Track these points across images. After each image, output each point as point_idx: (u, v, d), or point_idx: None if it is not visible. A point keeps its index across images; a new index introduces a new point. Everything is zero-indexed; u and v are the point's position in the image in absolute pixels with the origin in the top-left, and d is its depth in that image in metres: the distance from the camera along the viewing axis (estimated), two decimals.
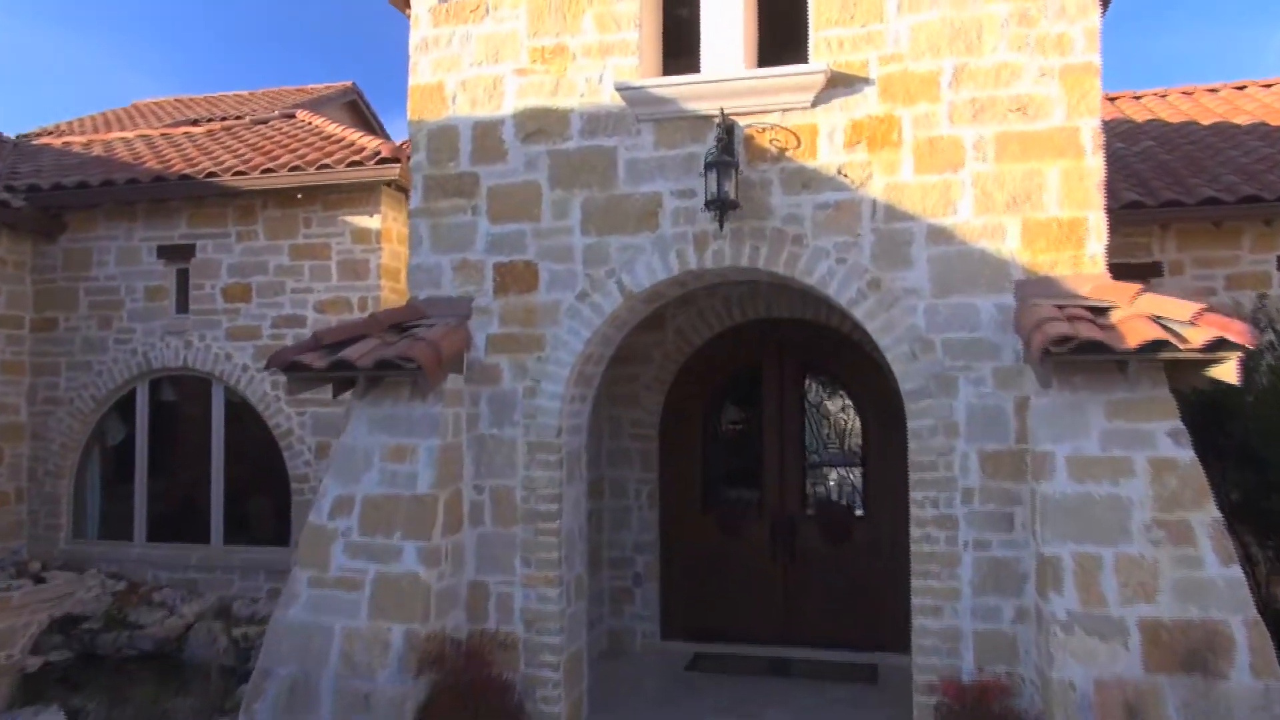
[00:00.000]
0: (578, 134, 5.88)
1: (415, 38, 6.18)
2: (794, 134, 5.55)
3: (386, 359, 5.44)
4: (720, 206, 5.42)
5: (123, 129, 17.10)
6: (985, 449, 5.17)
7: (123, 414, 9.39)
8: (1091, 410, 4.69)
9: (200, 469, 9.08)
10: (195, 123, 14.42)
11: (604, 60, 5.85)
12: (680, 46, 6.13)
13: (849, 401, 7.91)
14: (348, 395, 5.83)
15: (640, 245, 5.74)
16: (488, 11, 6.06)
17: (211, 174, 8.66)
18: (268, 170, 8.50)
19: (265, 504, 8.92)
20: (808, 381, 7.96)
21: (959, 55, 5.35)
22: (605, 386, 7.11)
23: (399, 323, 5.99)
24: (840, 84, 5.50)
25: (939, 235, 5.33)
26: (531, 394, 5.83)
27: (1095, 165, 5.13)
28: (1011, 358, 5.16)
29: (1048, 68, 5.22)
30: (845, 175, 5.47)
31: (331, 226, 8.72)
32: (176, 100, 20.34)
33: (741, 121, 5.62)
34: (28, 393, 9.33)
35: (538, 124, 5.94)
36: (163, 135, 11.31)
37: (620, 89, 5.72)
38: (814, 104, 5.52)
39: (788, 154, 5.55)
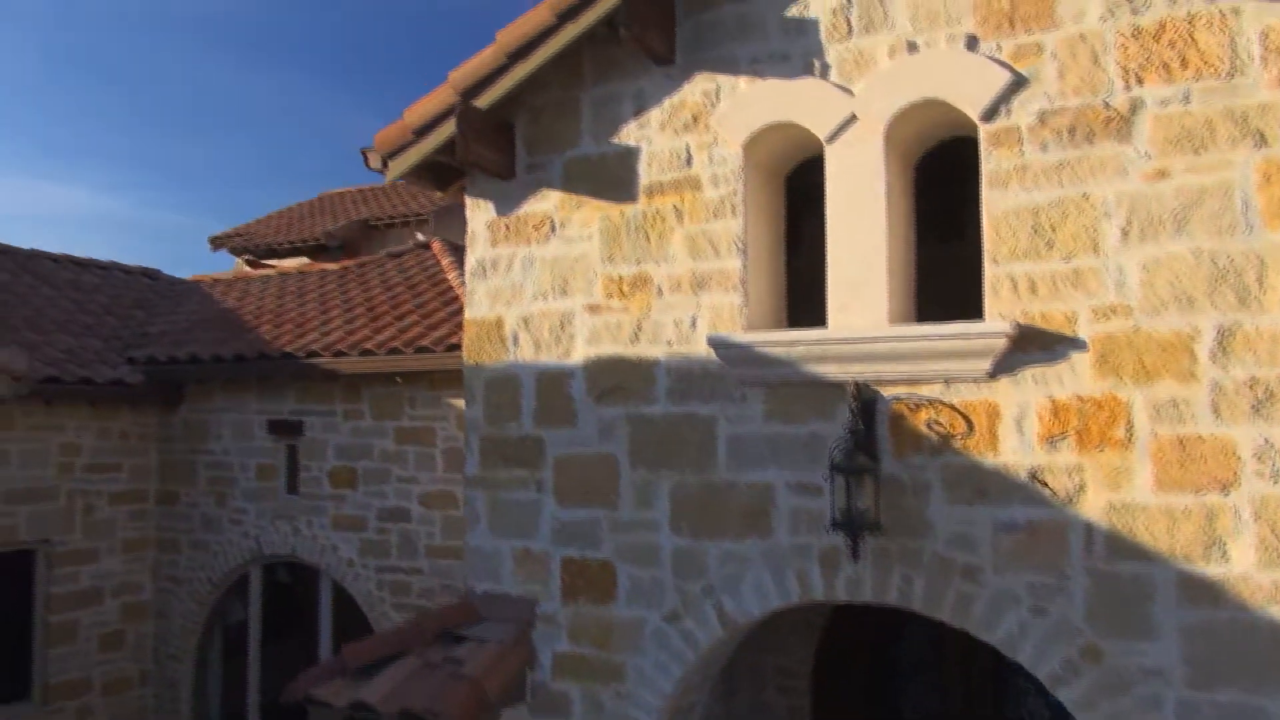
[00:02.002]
0: (664, 395, 4.40)
1: (471, 260, 4.94)
2: (963, 415, 3.82)
3: (411, 710, 4.20)
4: (851, 530, 3.78)
5: (301, 230, 17.28)
6: None
7: (241, 595, 8.83)
8: None
9: (310, 662, 8.32)
10: (335, 248, 14.13)
11: (697, 297, 4.35)
12: (803, 274, 4.54)
13: None
14: None
15: (747, 555, 4.19)
16: (554, 229, 4.71)
17: (313, 353, 7.87)
18: (366, 352, 7.59)
19: None
20: None
21: (1227, 310, 3.44)
22: None
23: (450, 628, 4.74)
24: (1033, 346, 3.72)
25: (1198, 591, 3.43)
26: None
27: None
28: None
29: None
30: (1043, 483, 3.68)
31: (436, 409, 7.71)
32: (358, 190, 20.60)
33: (886, 393, 3.95)
34: (151, 568, 8.95)
35: (614, 379, 4.52)
36: (300, 273, 10.85)
37: (715, 344, 4.20)
38: (993, 374, 3.76)
39: (954, 444, 3.83)
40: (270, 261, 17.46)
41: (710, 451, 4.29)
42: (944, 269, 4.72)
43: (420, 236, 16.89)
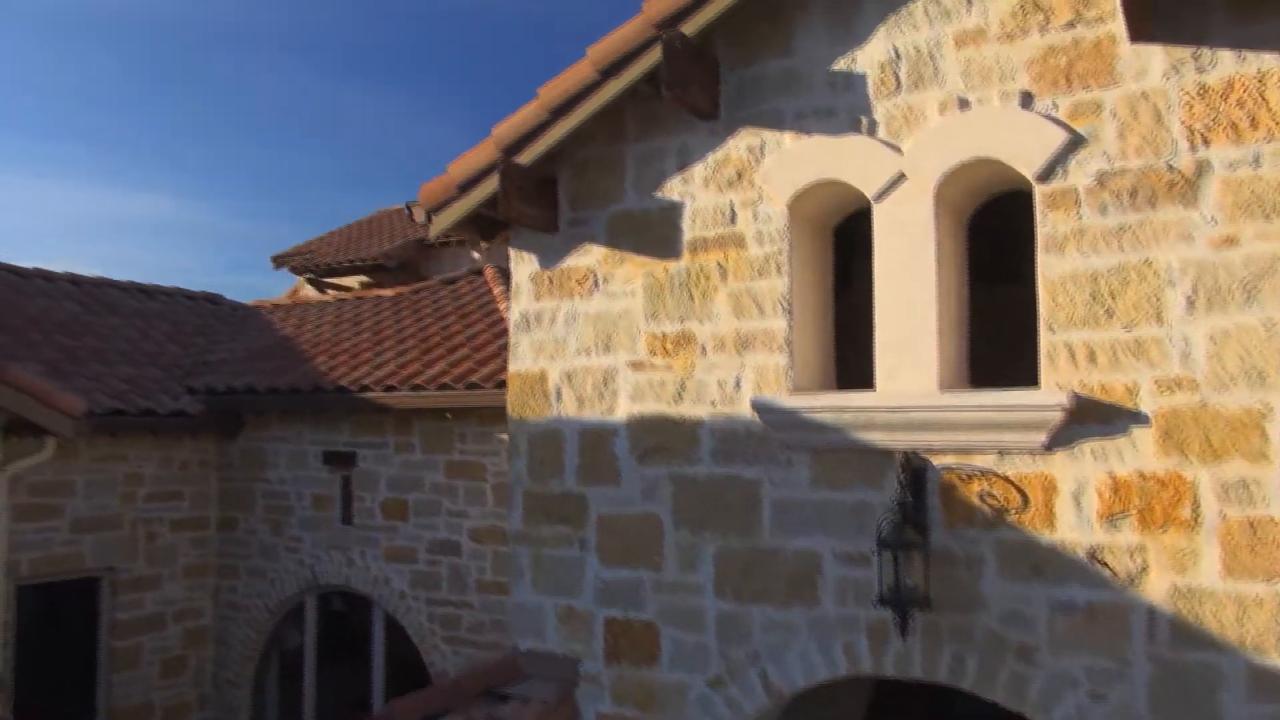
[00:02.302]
0: (708, 456, 4.32)
1: (515, 312, 4.91)
2: (1018, 489, 3.67)
3: None
4: (900, 606, 3.66)
5: (359, 249, 17.51)
6: None
7: (297, 622, 8.96)
8: None
9: (363, 691, 8.41)
10: (393, 267, 14.31)
11: (742, 357, 4.26)
12: (852, 329, 4.42)
13: None
14: None
15: (793, 624, 4.09)
16: (597, 284, 4.66)
17: (365, 387, 7.95)
18: (417, 387, 7.64)
19: None
20: None
21: None
22: None
23: (494, 686, 4.72)
24: (1091, 418, 3.55)
25: (1271, 684, 3.25)
26: None
27: None
28: None
29: None
30: (1102, 563, 3.52)
31: (486, 444, 7.72)
32: (415, 205, 20.82)
33: (936, 461, 3.82)
34: (211, 594, 9.13)
35: (657, 438, 4.45)
36: (356, 299, 10.98)
37: (760, 407, 4.11)
38: (1049, 446, 3.61)
39: (1008, 518, 3.68)
40: (330, 279, 17.75)
41: (755, 515, 4.20)
42: (998, 313, 4.58)
43: (475, 256, 17.02)
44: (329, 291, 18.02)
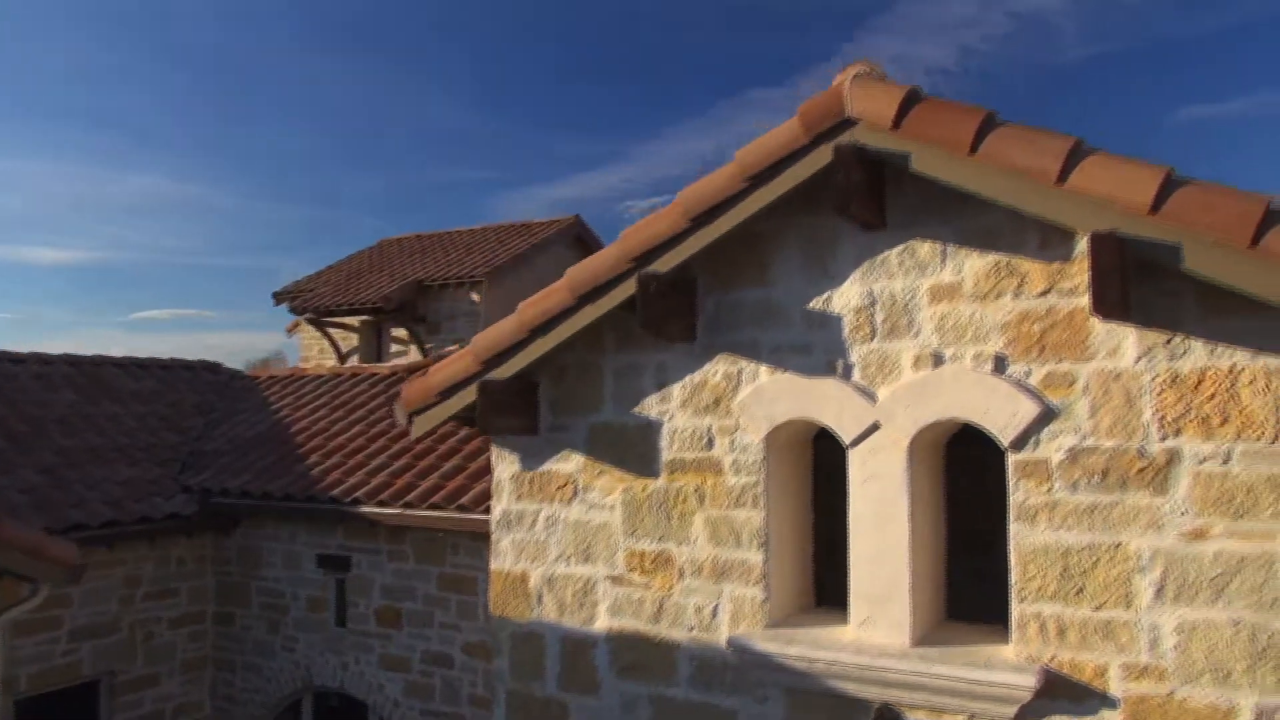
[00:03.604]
0: (686, 681, 4.35)
1: (497, 510, 4.94)
2: None
3: None
4: None
5: (359, 290, 17.54)
6: None
7: (294, 717, 9.06)
8: None
9: None
10: (392, 310, 14.29)
11: (719, 585, 4.28)
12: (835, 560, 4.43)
13: None
14: None
15: None
16: (577, 492, 4.68)
17: (357, 500, 7.99)
18: (408, 504, 7.67)
19: None
20: None
21: (1267, 692, 3.25)
22: None
23: None
24: (1062, 695, 3.57)
25: None
26: None
27: None
28: None
29: None
30: None
31: (478, 559, 7.75)
32: (417, 237, 20.86)
33: (910, 716, 3.84)
34: (209, 687, 9.22)
35: (636, 655, 4.48)
36: (352, 379, 11.01)
37: (735, 646, 4.14)
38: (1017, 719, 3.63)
39: None
40: (331, 319, 17.80)
41: None
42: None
43: (475, 298, 17.04)
44: (330, 330, 18.05)
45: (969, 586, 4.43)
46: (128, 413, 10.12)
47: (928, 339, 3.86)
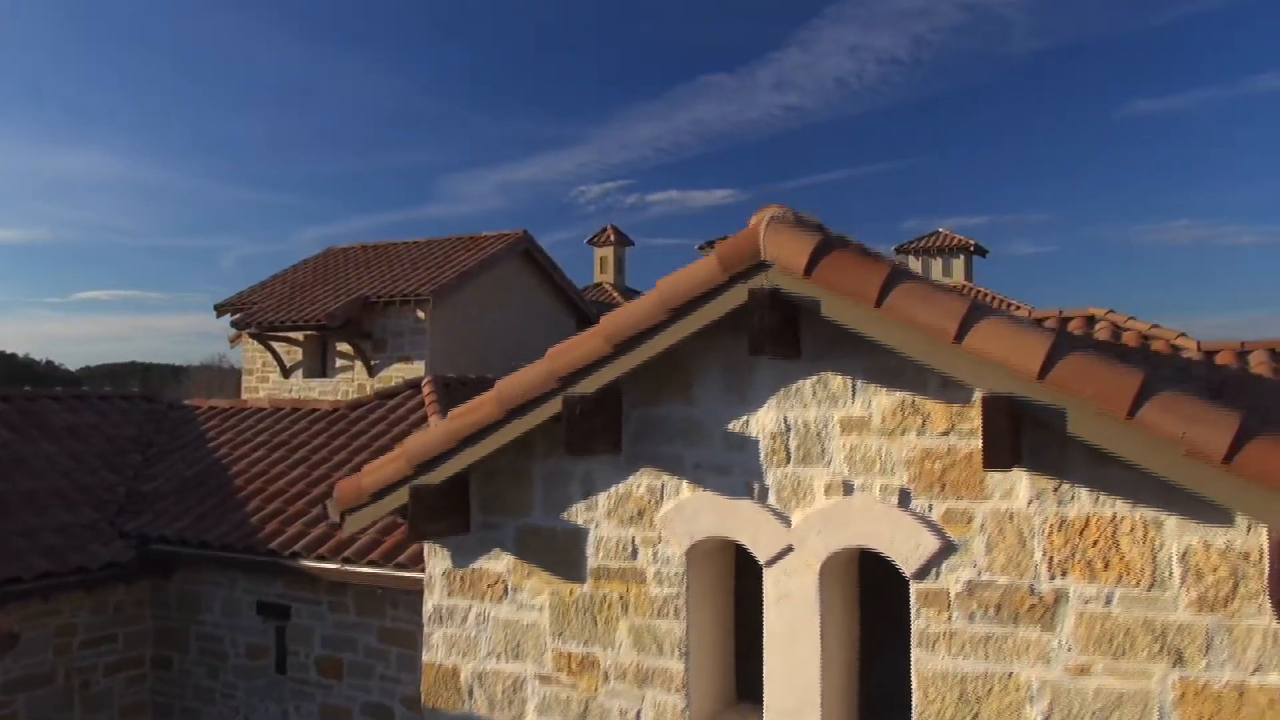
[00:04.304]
0: None
1: (429, 605, 5.05)
2: None
3: None
4: None
5: (303, 305, 17.38)
6: None
7: None
8: None
9: None
10: (336, 326, 14.25)
11: (642, 690, 4.45)
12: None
13: None
14: None
15: None
16: (507, 591, 4.81)
17: (295, 554, 8.04)
18: (346, 560, 7.75)
19: None
20: None
21: None
22: None
23: None
24: None
25: None
26: None
27: None
28: None
29: None
30: None
31: (417, 613, 7.80)
32: (363, 247, 20.70)
33: None
34: None
35: None
36: (293, 413, 10.98)
37: None
38: None
39: None
40: (274, 334, 17.64)
41: None
42: None
43: (420, 315, 17.01)
44: (274, 343, 17.88)
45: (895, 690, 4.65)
46: (64, 451, 10.01)
47: (839, 467, 4.05)
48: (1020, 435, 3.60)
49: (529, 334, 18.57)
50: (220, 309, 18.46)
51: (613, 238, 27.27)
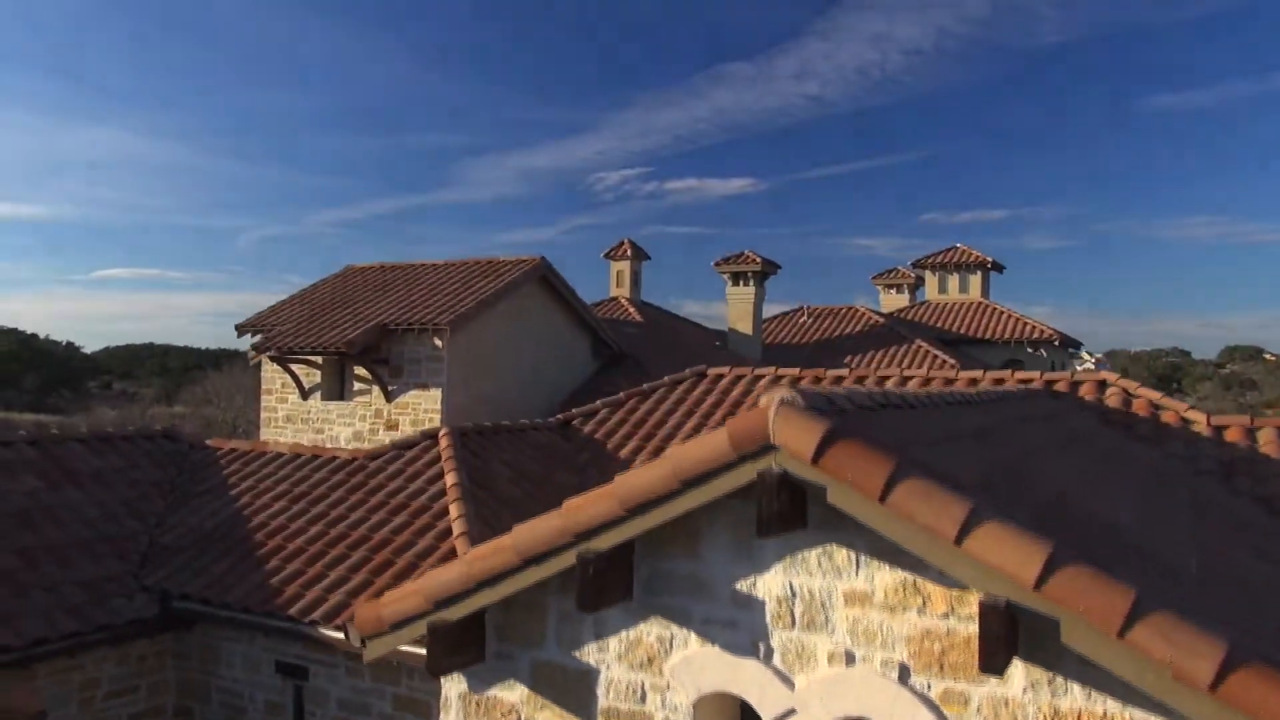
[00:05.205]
0: None
1: None
2: None
3: None
4: None
5: (322, 330, 17.62)
6: None
7: None
8: None
9: None
10: (355, 354, 14.47)
11: None
12: None
13: None
14: None
15: None
16: None
17: (313, 621, 8.26)
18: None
19: None
20: None
21: None
22: None
23: None
24: None
25: None
26: None
27: None
28: None
29: None
30: None
31: (433, 684, 8.07)
32: (382, 267, 20.93)
33: None
34: None
35: None
36: (313, 457, 11.19)
37: None
38: None
39: None
40: (294, 357, 17.89)
41: None
42: None
43: (437, 343, 17.22)
44: (294, 367, 18.12)
45: None
46: (89, 500, 10.27)
47: (841, 638, 4.20)
48: (1017, 627, 3.74)
49: (545, 359, 18.78)
50: (241, 329, 18.72)
51: (629, 252, 27.38)
